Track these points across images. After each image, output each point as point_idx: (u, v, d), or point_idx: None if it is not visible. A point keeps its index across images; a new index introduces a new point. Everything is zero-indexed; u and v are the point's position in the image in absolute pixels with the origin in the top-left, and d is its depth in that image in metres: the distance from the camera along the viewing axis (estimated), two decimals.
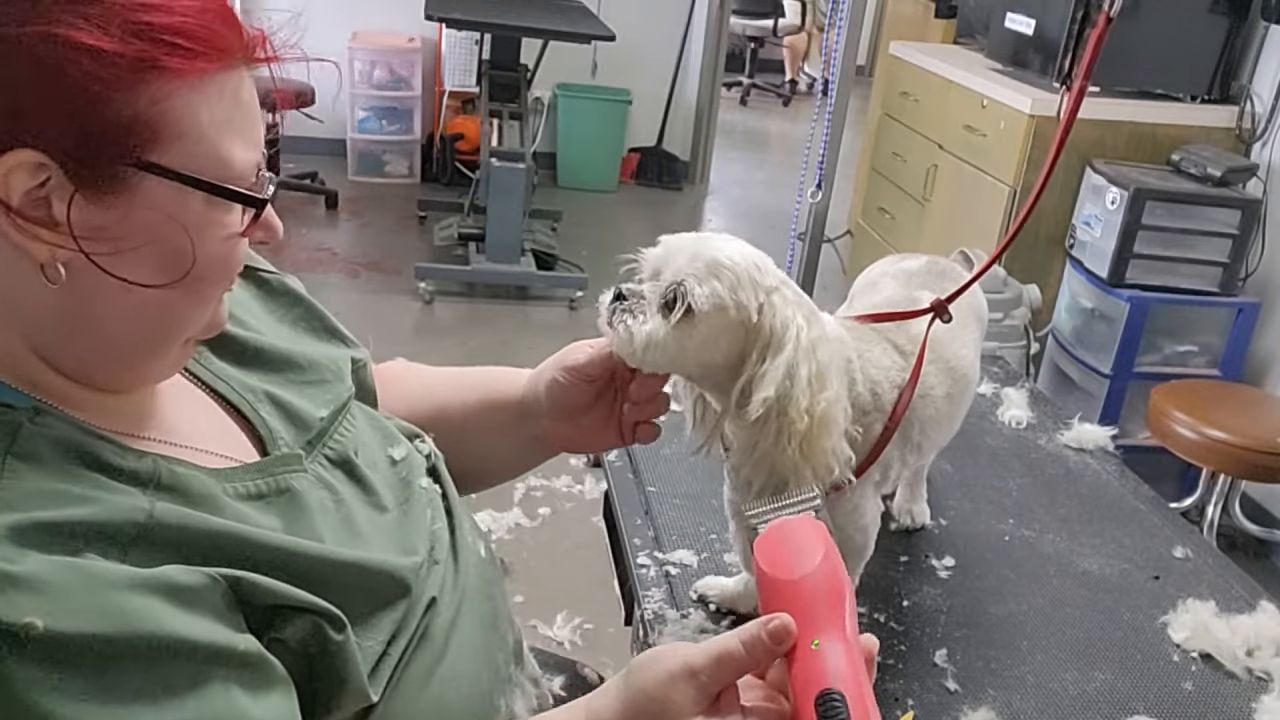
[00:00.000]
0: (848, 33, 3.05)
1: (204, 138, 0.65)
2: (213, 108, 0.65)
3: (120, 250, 0.63)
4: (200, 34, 0.63)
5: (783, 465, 0.95)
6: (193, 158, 0.64)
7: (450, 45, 5.16)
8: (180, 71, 0.62)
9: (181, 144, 0.64)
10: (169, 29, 0.62)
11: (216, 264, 0.69)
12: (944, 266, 1.29)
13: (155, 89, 0.62)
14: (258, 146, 0.69)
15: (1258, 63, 3.12)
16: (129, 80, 0.61)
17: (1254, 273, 2.99)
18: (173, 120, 0.63)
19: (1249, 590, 1.30)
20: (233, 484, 0.72)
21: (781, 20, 8.35)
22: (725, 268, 0.92)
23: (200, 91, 0.64)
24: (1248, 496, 2.91)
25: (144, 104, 0.62)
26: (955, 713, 1.06)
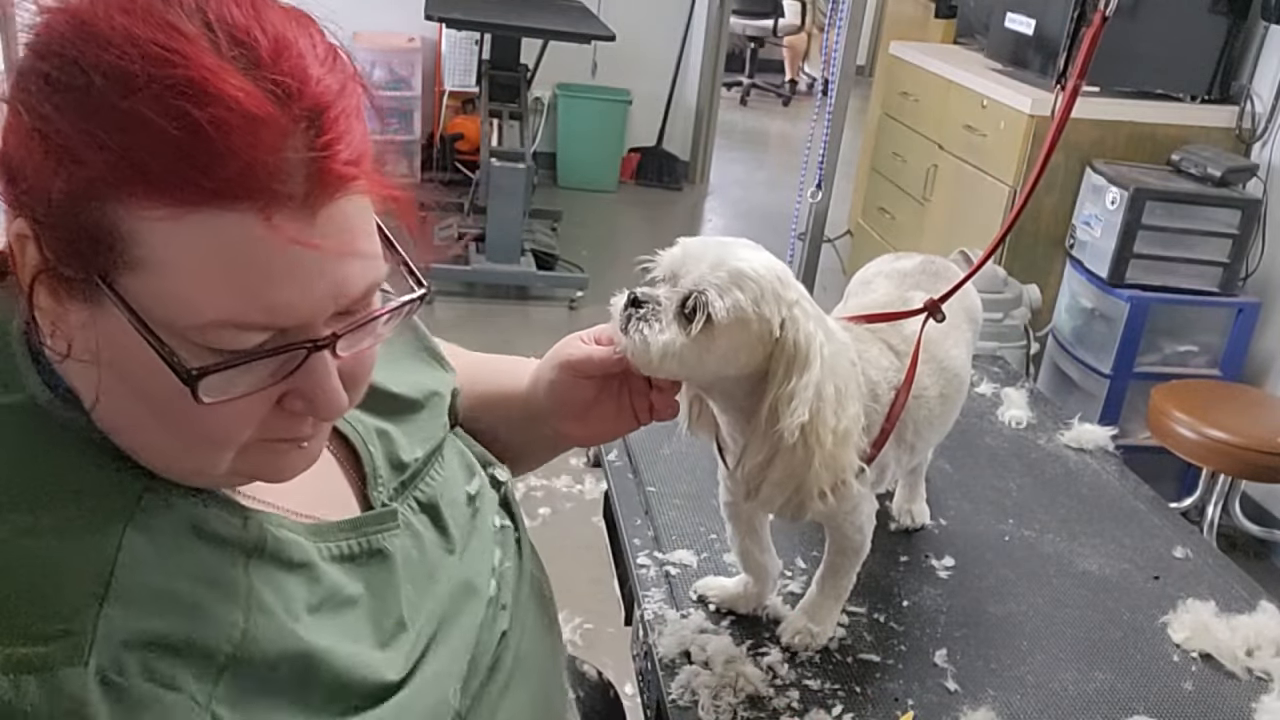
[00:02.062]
0: (848, 33, 3.05)
1: (168, 280, 0.56)
2: (188, 247, 0.55)
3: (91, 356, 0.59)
4: (189, 165, 0.53)
5: (808, 484, 0.94)
6: (151, 298, 0.56)
7: (450, 45, 5.16)
8: (158, 199, 0.54)
9: (148, 277, 0.56)
10: (150, 147, 0.53)
11: (191, 418, 0.59)
12: (938, 266, 1.29)
13: (121, 206, 0.54)
14: (267, 310, 0.57)
15: (1258, 63, 3.12)
16: (95, 190, 0.54)
17: (1254, 273, 2.99)
18: (138, 250, 0.55)
19: (1249, 590, 1.30)
20: (327, 544, 0.71)
21: (781, 20, 8.35)
22: (749, 279, 0.89)
23: (187, 225, 0.55)
24: (1248, 496, 2.90)
25: (110, 219, 0.55)
26: (955, 713, 1.06)
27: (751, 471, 0.97)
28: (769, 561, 1.17)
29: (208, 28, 0.55)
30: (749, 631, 1.14)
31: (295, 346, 0.59)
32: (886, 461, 1.11)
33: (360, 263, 0.61)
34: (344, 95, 0.58)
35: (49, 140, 0.55)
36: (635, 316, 0.89)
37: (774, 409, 0.92)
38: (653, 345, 0.88)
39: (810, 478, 0.93)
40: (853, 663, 1.12)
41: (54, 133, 0.55)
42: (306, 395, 0.62)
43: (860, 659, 1.12)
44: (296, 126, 0.56)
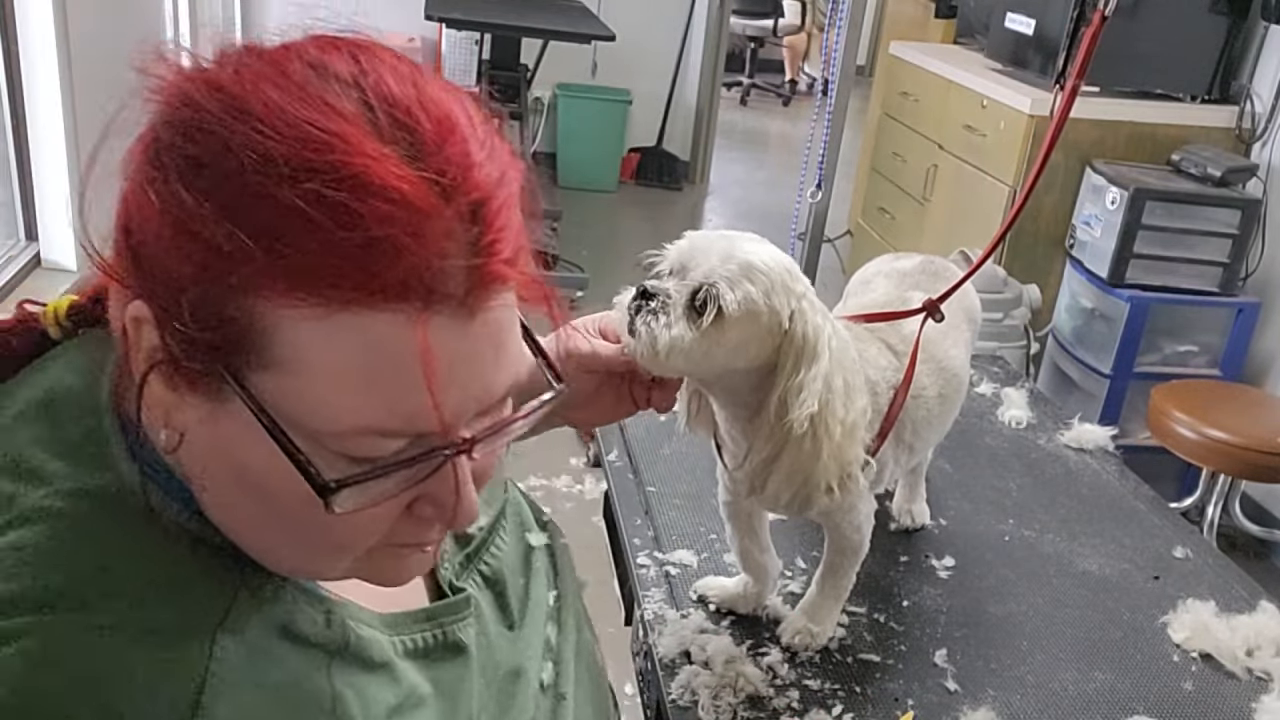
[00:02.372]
0: (848, 33, 3.05)
1: (306, 381, 0.51)
2: (329, 347, 0.50)
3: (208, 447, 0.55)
4: (345, 264, 0.48)
5: (816, 477, 0.94)
6: (288, 397, 0.51)
7: (450, 45, 5.15)
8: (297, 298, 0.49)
9: (284, 377, 0.51)
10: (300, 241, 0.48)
11: (314, 524, 0.54)
12: (938, 266, 1.29)
13: (262, 301, 0.49)
14: (408, 417, 0.52)
15: (1258, 63, 3.12)
16: (234, 281, 0.49)
17: (1254, 273, 2.99)
18: (281, 346, 0.50)
19: (1249, 590, 1.30)
20: (402, 637, 0.66)
21: (781, 20, 8.35)
22: (759, 271, 0.89)
23: (331, 326, 0.49)
24: (1248, 496, 2.90)
25: (246, 312, 0.50)
26: (955, 713, 1.06)
27: (757, 466, 0.96)
28: (769, 561, 1.17)
29: (367, 107, 0.51)
30: (749, 631, 1.14)
31: (436, 453, 0.54)
32: (885, 461, 1.11)
33: (504, 361, 0.56)
34: (504, 183, 0.54)
35: (185, 225, 0.49)
36: (644, 309, 0.88)
37: (783, 401, 0.91)
38: (660, 339, 0.87)
39: (818, 470, 0.93)
40: (853, 663, 1.12)
41: (192, 218, 0.49)
42: (439, 502, 0.57)
43: (860, 659, 1.12)
44: (459, 221, 0.51)
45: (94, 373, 0.60)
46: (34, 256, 2.98)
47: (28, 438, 0.58)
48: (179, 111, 0.51)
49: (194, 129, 0.50)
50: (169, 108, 0.52)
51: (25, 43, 2.79)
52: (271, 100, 0.50)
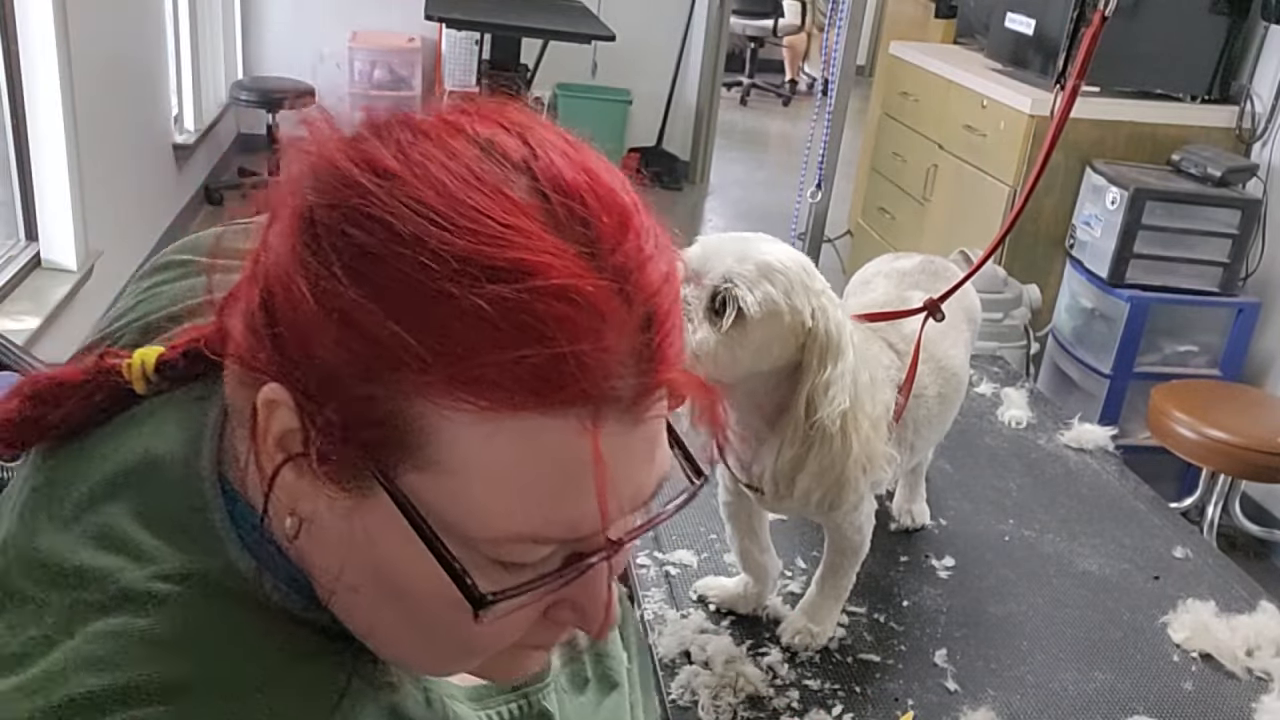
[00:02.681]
0: (848, 33, 3.04)
1: (465, 486, 0.48)
2: (503, 455, 0.47)
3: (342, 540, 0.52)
4: (521, 367, 0.45)
5: (848, 474, 0.93)
6: (443, 499, 0.48)
7: (450, 45, 5.16)
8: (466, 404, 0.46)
9: (441, 479, 0.48)
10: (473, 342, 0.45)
11: (455, 628, 0.51)
12: (938, 266, 1.29)
13: (423, 401, 0.46)
14: (569, 526, 0.49)
15: (1258, 63, 3.12)
16: (396, 379, 0.46)
17: (1254, 273, 2.99)
18: (440, 447, 0.47)
19: (1249, 590, 1.30)
20: (489, 710, 0.64)
21: (781, 20, 8.35)
22: (777, 271, 0.88)
23: (494, 430, 0.46)
24: (1248, 496, 2.90)
25: (406, 411, 0.47)
26: (955, 713, 1.06)
27: (783, 468, 0.95)
28: (769, 561, 1.17)
29: (541, 195, 0.47)
30: (749, 631, 1.14)
31: (586, 559, 0.51)
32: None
33: (659, 462, 0.53)
34: (670, 279, 0.50)
35: (348, 318, 0.46)
36: None
37: (811, 400, 0.90)
38: (688, 349, 0.85)
39: (850, 466, 0.93)
40: (853, 663, 1.12)
41: (357, 312, 0.46)
42: (582, 608, 0.54)
43: (860, 659, 1.12)
44: (634, 322, 0.48)
45: (193, 441, 0.56)
46: (34, 256, 2.98)
47: (122, 509, 0.54)
48: (340, 193, 0.48)
49: (360, 215, 0.47)
50: (325, 185, 0.48)
51: (25, 43, 2.79)
52: (444, 187, 0.46)
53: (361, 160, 0.48)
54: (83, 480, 0.56)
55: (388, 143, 0.49)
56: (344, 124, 0.51)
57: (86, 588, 0.51)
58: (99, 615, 0.50)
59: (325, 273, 0.46)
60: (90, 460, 0.57)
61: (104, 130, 3.29)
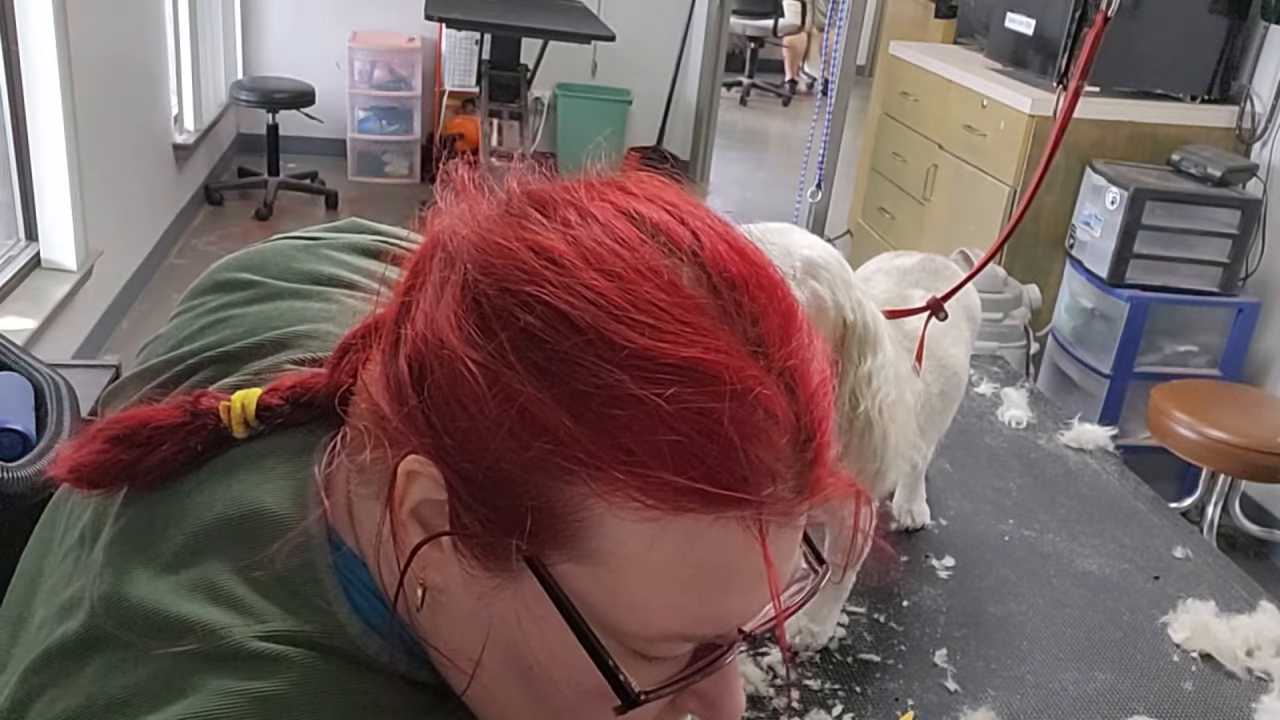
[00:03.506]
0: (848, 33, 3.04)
1: (622, 581, 0.47)
2: (662, 553, 0.46)
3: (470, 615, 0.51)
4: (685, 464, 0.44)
5: (887, 464, 0.93)
6: (598, 591, 0.47)
7: (450, 45, 5.16)
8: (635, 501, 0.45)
9: (595, 569, 0.47)
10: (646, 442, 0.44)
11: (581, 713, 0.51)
12: (938, 265, 1.29)
13: (586, 494, 0.45)
14: (717, 623, 0.49)
15: (1258, 63, 3.12)
16: (559, 468, 0.45)
17: (1254, 273, 2.99)
18: (592, 541, 0.46)
19: (1249, 590, 1.29)
20: None
21: (781, 20, 8.35)
22: (820, 267, 0.87)
23: (657, 529, 0.46)
24: (1248, 496, 2.90)
25: (565, 501, 0.46)
26: (955, 713, 1.06)
27: None
28: None
29: (711, 289, 0.47)
30: None
31: (722, 650, 0.51)
32: None
33: (794, 556, 0.53)
34: (827, 379, 0.49)
35: (517, 404, 0.45)
36: None
37: (854, 393, 0.90)
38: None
39: (889, 455, 0.93)
40: (853, 663, 1.12)
41: (529, 400, 0.45)
42: (710, 699, 0.53)
43: (860, 659, 1.12)
44: (798, 424, 0.47)
45: (297, 493, 0.54)
46: (34, 256, 2.99)
47: (224, 562, 0.53)
48: (510, 275, 0.46)
49: (534, 302, 0.45)
50: (491, 264, 0.47)
51: (25, 43, 2.79)
52: (618, 278, 0.46)
53: (530, 243, 0.47)
54: (179, 528, 0.54)
55: (553, 222, 0.48)
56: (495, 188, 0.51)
57: (187, 638, 0.50)
58: (207, 670, 0.49)
59: (498, 358, 0.45)
60: (187, 507, 0.55)
61: (104, 130, 3.29)
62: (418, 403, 0.48)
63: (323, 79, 5.03)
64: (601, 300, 0.45)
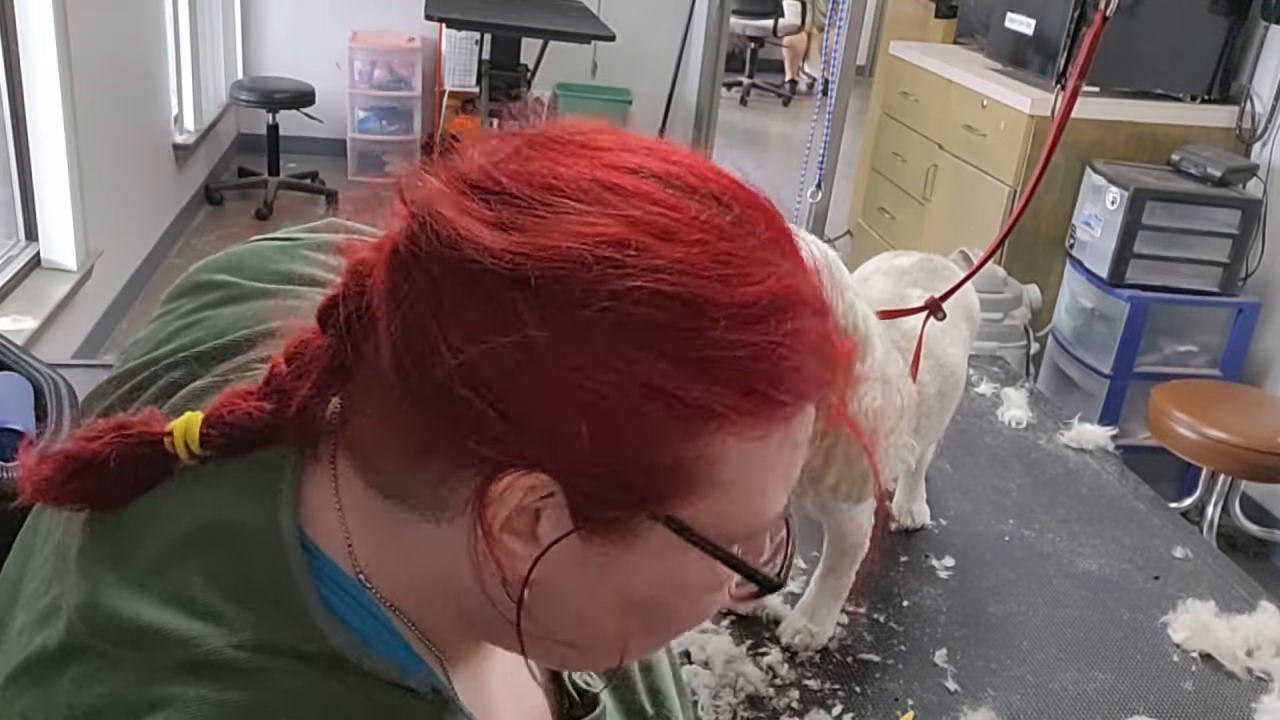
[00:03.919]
0: (848, 33, 3.05)
1: (741, 494, 0.50)
2: (768, 456, 0.51)
3: (584, 593, 0.53)
4: (792, 381, 0.49)
5: (875, 464, 0.94)
6: (719, 516, 0.50)
7: (450, 45, 5.16)
8: (755, 421, 0.49)
9: (713, 500, 0.50)
10: (763, 373, 0.48)
11: (691, 616, 0.56)
12: (936, 264, 1.29)
13: (717, 437, 0.48)
14: (789, 487, 0.54)
15: (1258, 63, 3.12)
16: (689, 427, 0.48)
17: (1254, 273, 2.99)
18: (715, 474, 0.49)
19: (1249, 590, 1.29)
20: None
21: (781, 20, 8.34)
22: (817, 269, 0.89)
23: (765, 439, 0.50)
24: (1248, 496, 2.90)
25: (695, 452, 0.48)
26: (955, 713, 1.06)
27: (814, 462, 0.96)
28: None
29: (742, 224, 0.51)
30: (749, 631, 1.14)
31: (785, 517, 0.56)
32: None
33: None
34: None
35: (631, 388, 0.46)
36: None
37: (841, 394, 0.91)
38: None
39: (878, 458, 0.93)
40: (853, 663, 1.12)
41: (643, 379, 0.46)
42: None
43: (860, 659, 1.12)
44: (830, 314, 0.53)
45: (272, 505, 0.54)
46: (34, 256, 2.99)
47: (196, 572, 0.52)
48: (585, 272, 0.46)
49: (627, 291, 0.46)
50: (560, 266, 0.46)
51: (25, 43, 2.79)
52: (681, 239, 0.48)
53: (587, 236, 0.47)
54: (152, 538, 0.54)
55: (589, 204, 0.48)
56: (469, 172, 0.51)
57: (160, 649, 0.49)
58: (184, 680, 0.49)
59: (609, 353, 0.46)
60: (159, 516, 0.54)
61: (104, 130, 3.29)
62: (510, 427, 0.47)
63: (323, 79, 5.03)
64: (683, 267, 0.47)
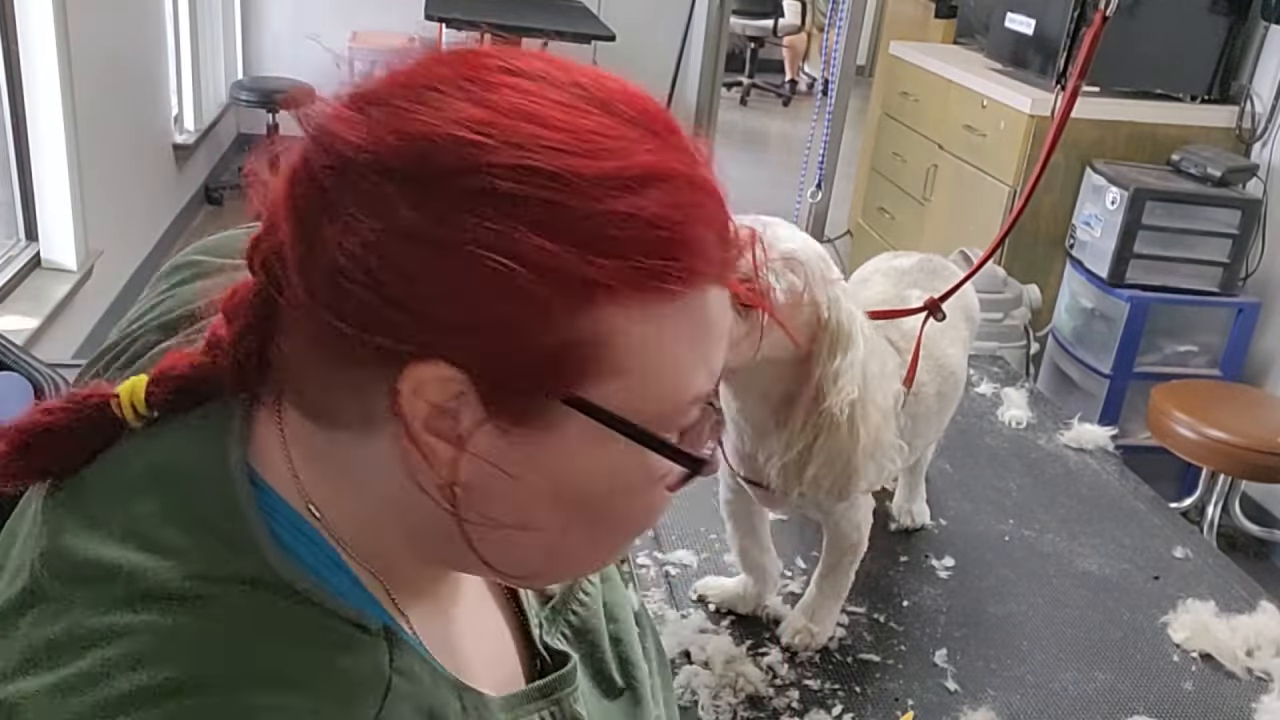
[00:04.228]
0: (848, 33, 3.05)
1: (649, 376, 0.51)
2: (673, 333, 0.51)
3: (517, 486, 0.53)
4: (673, 253, 0.50)
5: (855, 462, 0.94)
6: (630, 399, 0.51)
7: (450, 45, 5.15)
8: (644, 296, 0.50)
9: (620, 382, 0.50)
10: (642, 244, 0.49)
11: (635, 513, 0.57)
12: (935, 265, 1.29)
13: (605, 313, 0.49)
14: (713, 375, 0.55)
15: (1258, 63, 3.12)
16: (575, 303, 0.48)
17: (1254, 273, 2.99)
18: (614, 355, 0.50)
19: (1249, 590, 1.30)
20: (521, 718, 0.63)
21: (781, 20, 8.34)
22: (799, 262, 0.89)
23: (663, 316, 0.50)
24: (1248, 496, 2.90)
25: (587, 329, 0.49)
26: (955, 713, 1.06)
27: (793, 457, 0.96)
28: (768, 562, 1.17)
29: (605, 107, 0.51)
30: (749, 631, 1.14)
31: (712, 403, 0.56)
32: None
33: None
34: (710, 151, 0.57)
35: (514, 266, 0.47)
36: None
37: (820, 388, 0.91)
38: None
39: (858, 455, 0.93)
40: (853, 663, 1.12)
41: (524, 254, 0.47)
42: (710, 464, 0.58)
43: (860, 659, 1.12)
44: (720, 193, 0.54)
45: (220, 446, 0.55)
46: (34, 256, 2.99)
47: (151, 509, 0.53)
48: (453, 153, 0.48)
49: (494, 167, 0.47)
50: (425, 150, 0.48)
51: (25, 43, 2.79)
52: (548, 120, 0.49)
53: (453, 120, 0.48)
54: (109, 484, 0.56)
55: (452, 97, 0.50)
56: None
57: (114, 583, 0.51)
58: (133, 610, 0.50)
59: (486, 232, 0.47)
60: (114, 466, 0.56)
61: (104, 130, 3.29)
62: (403, 315, 0.49)
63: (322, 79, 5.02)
64: (546, 142, 0.48)
